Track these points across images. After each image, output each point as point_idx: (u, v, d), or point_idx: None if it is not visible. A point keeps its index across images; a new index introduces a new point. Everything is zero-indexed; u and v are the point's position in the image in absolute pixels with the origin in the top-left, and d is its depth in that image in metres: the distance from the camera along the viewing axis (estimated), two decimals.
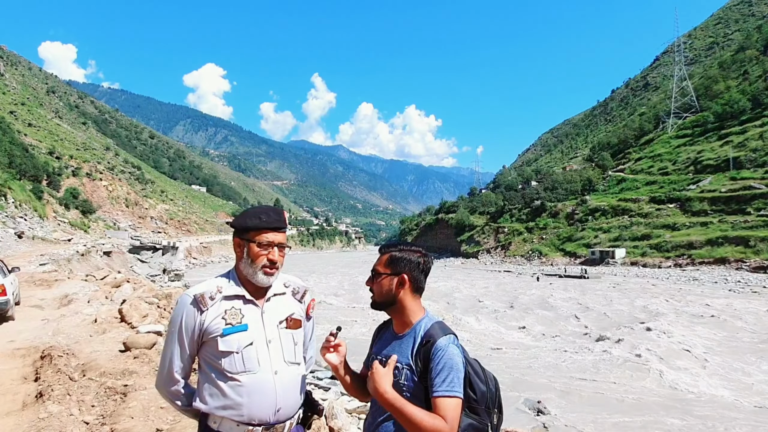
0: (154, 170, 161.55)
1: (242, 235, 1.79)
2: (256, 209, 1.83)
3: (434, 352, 1.70)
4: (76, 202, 70.58)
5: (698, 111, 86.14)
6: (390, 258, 1.82)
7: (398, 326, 1.85)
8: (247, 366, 1.72)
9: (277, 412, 1.74)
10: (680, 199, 62.31)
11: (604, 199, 74.74)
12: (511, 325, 21.38)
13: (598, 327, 20.50)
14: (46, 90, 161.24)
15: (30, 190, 55.76)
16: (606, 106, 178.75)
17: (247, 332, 1.74)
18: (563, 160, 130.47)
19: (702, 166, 67.82)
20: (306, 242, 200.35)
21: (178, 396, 1.83)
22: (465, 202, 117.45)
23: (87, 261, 30.58)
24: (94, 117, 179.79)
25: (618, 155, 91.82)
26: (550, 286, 39.50)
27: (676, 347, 16.11)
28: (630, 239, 60.96)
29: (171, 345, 1.77)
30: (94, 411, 4.34)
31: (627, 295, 32.23)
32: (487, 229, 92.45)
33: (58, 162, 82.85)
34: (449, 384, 1.65)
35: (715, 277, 41.57)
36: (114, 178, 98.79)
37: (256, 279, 1.77)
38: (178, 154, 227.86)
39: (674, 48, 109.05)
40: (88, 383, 4.97)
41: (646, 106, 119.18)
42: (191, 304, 1.73)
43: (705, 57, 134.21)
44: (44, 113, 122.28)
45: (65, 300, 12.04)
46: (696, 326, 20.20)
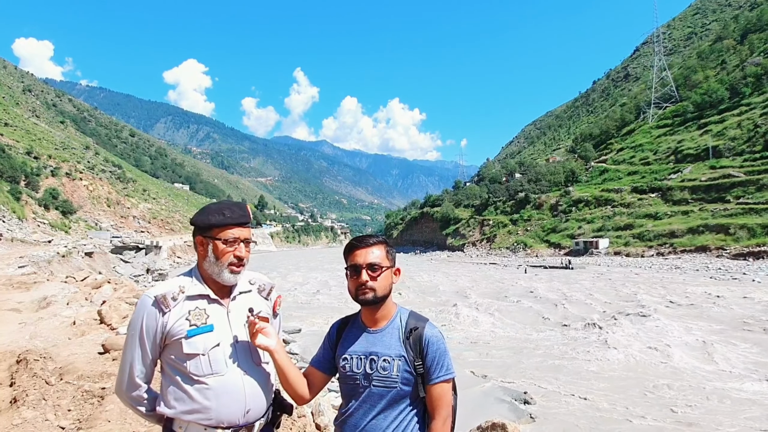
0: (136, 169, 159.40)
1: (205, 233, 1.73)
2: (217, 204, 1.77)
3: (426, 340, 1.73)
4: (55, 202, 69.44)
5: (678, 101, 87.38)
6: (387, 250, 1.81)
7: (371, 321, 1.81)
8: (214, 368, 1.66)
9: (246, 413, 1.69)
10: (661, 188, 63.27)
11: (587, 190, 75.55)
12: (498, 317, 21.51)
13: (583, 316, 20.71)
14: (22, 89, 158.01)
15: (7, 191, 54.77)
16: (588, 97, 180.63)
17: (213, 333, 1.68)
18: (546, 152, 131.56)
19: (682, 155, 68.92)
20: (291, 239, 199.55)
21: (140, 401, 1.75)
22: (450, 195, 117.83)
23: (68, 262, 30.07)
24: (72, 116, 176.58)
25: (600, 146, 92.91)
26: (536, 278, 39.81)
27: (658, 333, 16.36)
28: (613, 229, 61.72)
29: (131, 349, 1.69)
30: (71, 415, 4.25)
31: (611, 284, 32.61)
32: (472, 222, 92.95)
33: (36, 162, 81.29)
34: (447, 368, 1.73)
35: (697, 265, 42.20)
36: (94, 178, 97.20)
37: (222, 278, 1.72)
38: (159, 152, 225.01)
39: (653, 39, 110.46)
40: (65, 387, 4.87)
41: (627, 97, 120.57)
42: (152, 305, 1.66)
43: (684, 47, 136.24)
44: (20, 112, 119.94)
45: (44, 302, 11.79)
46: (677, 312, 20.55)
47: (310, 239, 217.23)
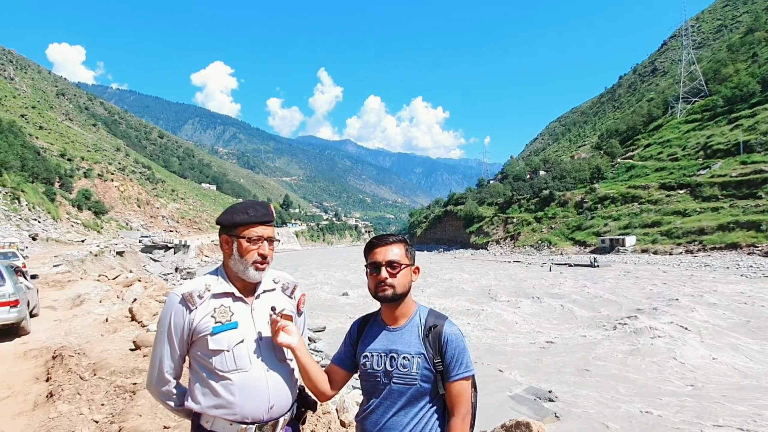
0: (164, 169, 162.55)
1: (230, 232, 1.78)
2: (242, 204, 1.82)
3: (445, 338, 1.76)
4: (88, 203, 71.32)
5: (707, 95, 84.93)
6: (406, 248, 1.84)
7: (391, 319, 1.84)
8: (238, 364, 1.71)
9: (270, 409, 1.73)
10: (690, 184, 61.69)
11: (614, 187, 74.14)
12: (523, 315, 21.32)
13: (609, 314, 20.38)
14: (56, 93, 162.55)
15: (43, 193, 56.43)
16: (614, 92, 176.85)
17: (237, 330, 1.73)
18: (571, 149, 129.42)
19: (712, 150, 66.98)
20: (316, 237, 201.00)
21: (169, 396, 1.81)
22: (473, 193, 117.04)
23: (100, 261, 30.89)
24: (103, 118, 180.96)
25: (627, 142, 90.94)
26: (561, 276, 39.28)
27: (687, 332, 15.98)
28: (640, 226, 60.51)
29: (160, 345, 1.76)
30: (104, 409, 4.39)
31: (638, 282, 31.95)
32: (495, 220, 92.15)
33: (69, 164, 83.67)
34: (466, 366, 1.75)
35: (727, 263, 41.09)
36: (125, 179, 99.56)
37: (247, 275, 1.76)
38: (187, 152, 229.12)
39: (682, 32, 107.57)
40: (98, 382, 5.04)
41: (655, 92, 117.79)
42: (179, 303, 1.72)
43: (713, 40, 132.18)
44: (55, 116, 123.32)
45: (77, 300, 12.18)
46: (707, 311, 20.02)
47: (334, 238, 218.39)
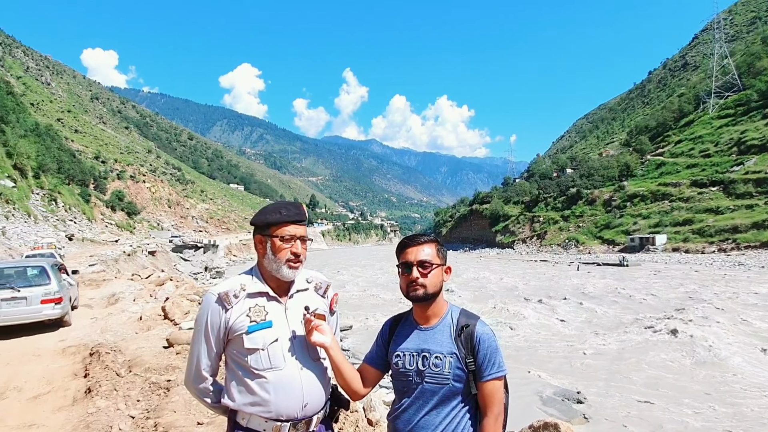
0: (194, 171, 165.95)
1: (263, 232, 1.82)
2: (275, 205, 1.86)
3: (477, 338, 1.76)
4: (121, 204, 73.28)
5: (741, 89, 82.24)
6: (438, 248, 1.84)
7: (423, 319, 1.86)
8: (272, 362, 1.75)
9: (304, 407, 1.77)
10: (723, 181, 60.09)
11: (643, 185, 72.60)
12: (552, 314, 21.05)
13: (640, 314, 19.97)
14: (90, 97, 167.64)
15: (78, 194, 58.13)
16: (643, 88, 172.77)
17: (271, 329, 1.77)
18: (599, 146, 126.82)
19: (746, 146, 64.98)
20: (342, 237, 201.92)
21: (206, 393, 1.87)
22: (499, 192, 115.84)
23: (133, 261, 31.74)
24: (135, 121, 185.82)
25: (656, 139, 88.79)
26: (589, 275, 38.64)
27: (722, 334, 15.54)
28: (671, 225, 59.16)
29: (198, 343, 1.81)
30: (140, 405, 4.53)
31: (669, 282, 31.22)
32: (522, 219, 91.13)
33: (103, 166, 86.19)
34: (498, 366, 1.75)
35: (762, 262, 39.89)
36: (156, 180, 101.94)
37: (281, 273, 1.80)
38: (216, 154, 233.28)
39: (714, 25, 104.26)
40: (134, 379, 5.20)
41: (686, 87, 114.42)
42: (216, 302, 1.77)
43: (747, 33, 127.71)
44: (89, 119, 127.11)
45: (112, 299, 12.55)
46: (743, 312, 19.43)
47: (360, 237, 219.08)
